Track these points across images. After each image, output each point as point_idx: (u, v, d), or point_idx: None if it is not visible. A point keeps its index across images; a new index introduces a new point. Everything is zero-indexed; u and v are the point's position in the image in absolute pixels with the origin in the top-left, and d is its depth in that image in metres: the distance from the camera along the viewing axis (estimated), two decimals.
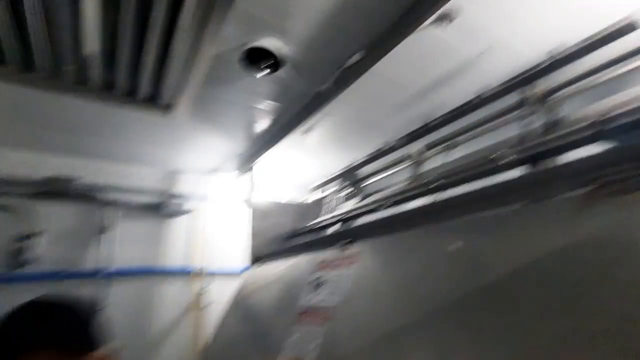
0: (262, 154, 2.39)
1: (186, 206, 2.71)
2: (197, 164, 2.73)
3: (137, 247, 2.47)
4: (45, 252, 2.21)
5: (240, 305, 1.96)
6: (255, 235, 2.37)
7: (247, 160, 2.59)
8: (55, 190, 2.29)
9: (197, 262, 2.62)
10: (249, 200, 2.54)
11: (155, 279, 2.48)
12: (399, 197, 1.69)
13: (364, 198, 2.42)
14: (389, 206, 1.70)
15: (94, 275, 2.27)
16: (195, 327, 2.48)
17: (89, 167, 2.45)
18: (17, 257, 2.10)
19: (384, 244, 1.24)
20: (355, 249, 1.31)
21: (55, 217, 2.29)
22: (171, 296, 2.49)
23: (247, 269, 2.29)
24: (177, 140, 2.35)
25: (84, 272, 2.26)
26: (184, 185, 2.76)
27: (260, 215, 2.44)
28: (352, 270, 1.22)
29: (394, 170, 2.17)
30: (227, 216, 2.88)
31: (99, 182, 2.44)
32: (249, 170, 2.67)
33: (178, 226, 2.68)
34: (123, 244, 2.43)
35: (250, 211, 2.43)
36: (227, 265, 2.72)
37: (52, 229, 2.26)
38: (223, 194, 2.91)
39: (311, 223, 2.36)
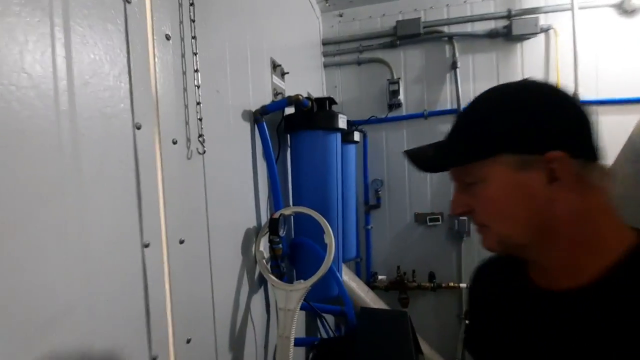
0: None
1: (541, 23, 2.19)
2: None
3: (490, 80, 2.32)
4: (407, 95, 2.48)
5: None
6: None
7: None
8: (406, 33, 2.37)
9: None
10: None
11: None
12: None
13: None
14: None
15: (452, 112, 2.39)
16: None
17: (428, 4, 2.35)
18: (389, 101, 2.47)
19: None
20: None
21: (409, 62, 2.45)
22: None
23: None
24: None
25: (442, 110, 2.42)
26: None
27: None
28: None
29: None
30: (600, 29, 2.13)
31: (441, 17, 2.35)
32: None
33: (533, 50, 2.26)
34: (475, 78, 2.35)
35: None
36: (615, 92, 2.13)
37: (410, 73, 2.46)
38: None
39: None
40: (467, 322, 0.65)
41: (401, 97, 2.43)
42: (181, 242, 0.77)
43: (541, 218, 0.45)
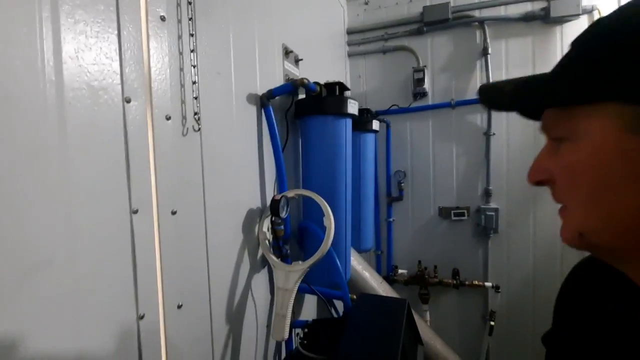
0: None
1: (583, 4, 1.99)
2: None
3: (524, 67, 2.17)
4: (433, 84, 2.39)
5: None
6: None
7: None
8: (434, 19, 2.28)
9: None
10: None
11: None
12: None
13: None
14: None
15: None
16: None
17: None
18: (413, 90, 2.39)
19: None
20: None
21: (436, 49, 2.36)
22: None
23: None
24: None
25: (473, 99, 2.30)
26: None
27: None
28: None
29: None
30: None
31: (472, 1, 2.22)
32: None
33: (574, 33, 2.07)
34: (507, 65, 2.20)
35: None
36: None
37: (437, 61, 2.36)
38: None
39: None
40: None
41: (426, 85, 2.34)
42: (173, 212, 0.81)
43: None
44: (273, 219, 1.17)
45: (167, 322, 0.79)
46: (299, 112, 1.41)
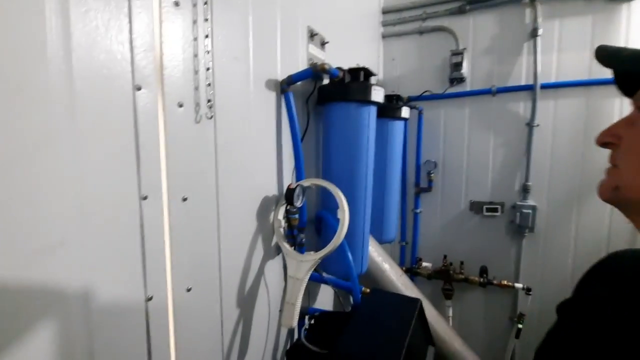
0: None
1: None
2: None
3: (580, 50, 1.94)
4: (472, 68, 2.21)
5: None
6: None
7: None
8: None
9: None
10: None
11: (604, 91, 1.93)
12: None
13: None
14: None
15: (527, 88, 2.07)
16: None
17: None
18: (450, 75, 2.23)
19: None
20: None
21: (478, 30, 2.17)
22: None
23: None
24: None
25: (516, 86, 2.11)
26: None
27: None
28: None
29: None
30: None
31: None
32: None
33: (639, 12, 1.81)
34: (560, 48, 1.98)
35: None
36: None
37: (478, 44, 2.18)
38: None
39: None
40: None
41: (465, 70, 2.18)
42: (184, 199, 0.83)
43: None
44: (288, 207, 1.17)
45: (175, 304, 0.82)
46: (322, 98, 1.37)
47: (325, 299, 1.67)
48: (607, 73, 0.47)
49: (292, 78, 1.17)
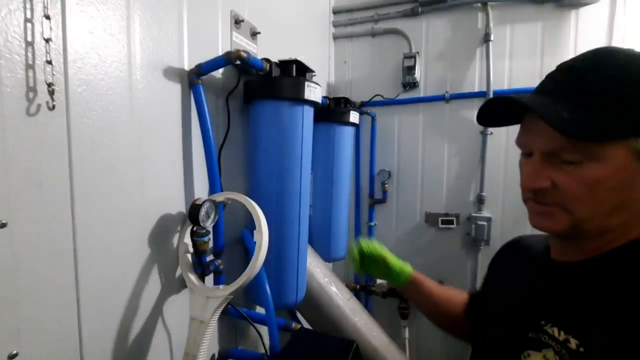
0: None
1: None
2: None
3: (531, 57, 1.88)
4: (426, 73, 2.11)
5: None
6: None
7: None
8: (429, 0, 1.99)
9: None
10: None
11: None
12: None
13: None
14: None
15: (480, 95, 1.98)
16: None
17: None
18: (403, 80, 2.11)
19: None
20: None
21: (431, 33, 2.07)
22: None
23: None
24: None
25: (468, 93, 2.02)
26: None
27: None
28: None
29: None
30: None
31: None
32: None
33: (592, 19, 1.78)
34: (512, 54, 1.92)
35: None
36: None
37: (431, 48, 2.08)
38: None
39: None
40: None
41: (418, 75, 2.06)
42: (2, 225, 0.56)
43: (624, 200, 0.45)
44: (195, 228, 0.92)
45: None
46: (247, 96, 1.15)
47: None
48: None
49: (202, 67, 0.95)
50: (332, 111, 1.67)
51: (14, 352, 0.59)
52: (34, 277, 0.62)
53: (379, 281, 2.21)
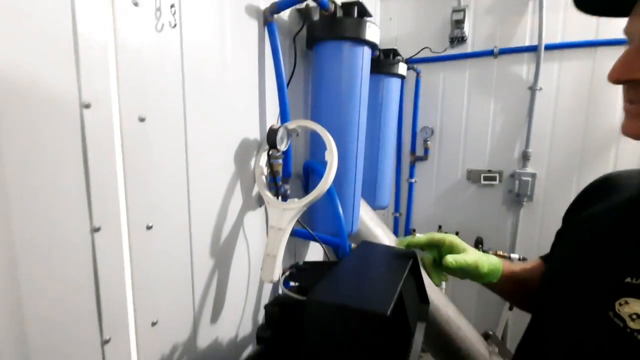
0: None
1: None
2: None
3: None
4: (474, 28, 2.08)
5: None
6: None
7: None
8: None
9: None
10: None
11: (610, 52, 1.81)
12: None
13: None
14: None
15: (531, 50, 1.95)
16: None
17: None
18: (451, 33, 2.10)
19: None
20: None
21: None
22: None
23: None
24: None
25: (518, 48, 1.98)
26: None
27: None
28: None
29: None
30: None
31: None
32: None
33: None
34: (567, 6, 1.86)
35: None
36: None
37: (481, 2, 2.04)
38: None
39: None
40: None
41: (467, 30, 2.05)
42: (141, 119, 0.70)
43: None
44: (271, 152, 1.05)
45: (131, 242, 0.70)
46: (311, 40, 1.23)
47: (314, 259, 1.57)
48: (614, 34, 0.43)
49: (277, 5, 1.04)
50: (381, 63, 1.72)
51: (150, 224, 0.74)
52: (157, 151, 0.76)
53: (417, 234, 2.30)
